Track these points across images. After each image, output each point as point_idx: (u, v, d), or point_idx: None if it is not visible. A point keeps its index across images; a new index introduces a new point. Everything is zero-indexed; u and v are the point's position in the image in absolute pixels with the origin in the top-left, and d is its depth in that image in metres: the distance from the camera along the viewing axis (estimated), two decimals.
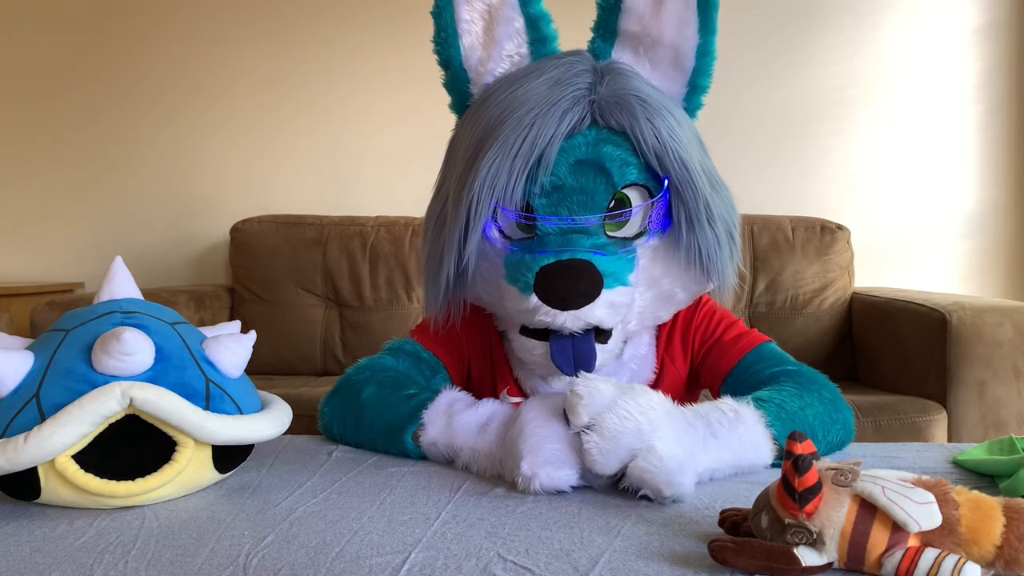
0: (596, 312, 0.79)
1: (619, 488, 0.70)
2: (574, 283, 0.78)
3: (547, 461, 0.69)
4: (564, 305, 0.78)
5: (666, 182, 0.82)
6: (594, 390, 0.70)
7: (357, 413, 0.87)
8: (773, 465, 0.77)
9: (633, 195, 0.83)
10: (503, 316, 0.92)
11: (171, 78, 2.44)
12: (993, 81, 2.39)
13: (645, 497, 0.68)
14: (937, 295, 1.91)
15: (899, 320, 1.85)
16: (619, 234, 0.83)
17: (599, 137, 0.82)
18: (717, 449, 0.73)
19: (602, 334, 0.83)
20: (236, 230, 2.24)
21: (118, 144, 2.45)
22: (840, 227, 2.18)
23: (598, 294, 0.78)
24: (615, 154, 0.81)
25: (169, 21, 2.42)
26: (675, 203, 0.83)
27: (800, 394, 0.83)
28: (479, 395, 0.85)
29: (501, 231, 0.85)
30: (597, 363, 0.83)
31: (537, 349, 0.84)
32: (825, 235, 2.15)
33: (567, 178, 0.82)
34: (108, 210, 2.46)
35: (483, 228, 0.83)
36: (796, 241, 2.14)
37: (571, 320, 0.79)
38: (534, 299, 0.78)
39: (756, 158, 2.39)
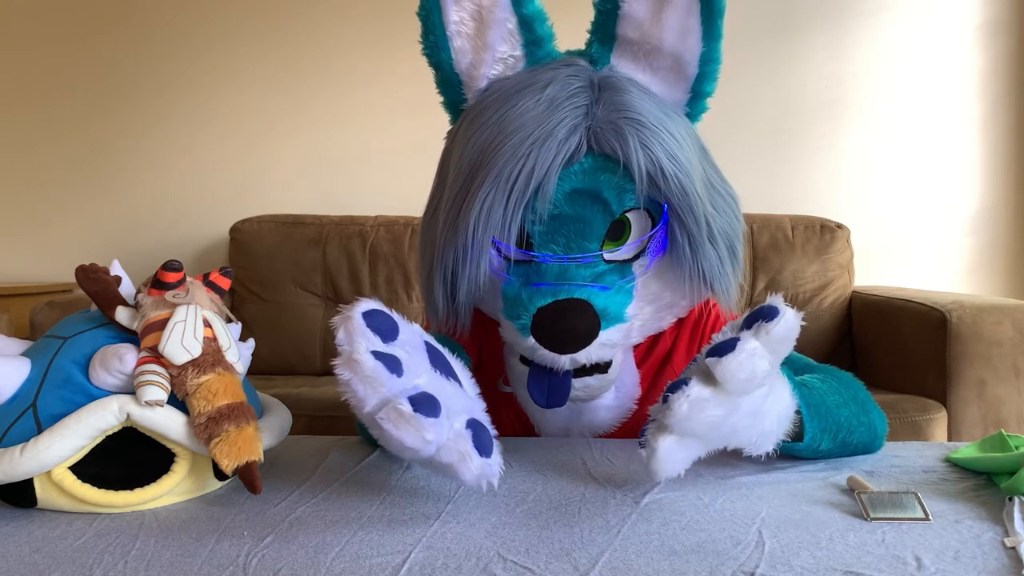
0: (592, 353, 0.79)
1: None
2: (571, 327, 0.77)
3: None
4: (562, 350, 0.78)
5: (665, 207, 0.80)
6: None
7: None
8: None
9: (632, 216, 0.82)
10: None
11: (170, 78, 2.43)
12: (994, 79, 2.38)
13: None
14: (937, 294, 1.91)
15: (899, 319, 1.84)
16: (617, 256, 0.82)
17: (595, 165, 0.79)
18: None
19: (601, 364, 0.83)
20: (235, 230, 2.24)
21: (117, 144, 2.45)
22: (840, 226, 2.17)
23: (595, 337, 0.78)
24: (612, 181, 0.79)
25: (167, 21, 2.42)
26: (675, 226, 0.81)
27: (839, 390, 0.82)
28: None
29: (498, 248, 0.83)
30: (599, 390, 0.84)
31: (518, 368, 0.86)
32: (825, 234, 2.15)
33: (564, 207, 0.80)
34: (107, 210, 2.46)
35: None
36: (796, 240, 2.14)
37: (569, 362, 0.79)
38: (531, 341, 0.78)
39: (756, 156, 2.38)
